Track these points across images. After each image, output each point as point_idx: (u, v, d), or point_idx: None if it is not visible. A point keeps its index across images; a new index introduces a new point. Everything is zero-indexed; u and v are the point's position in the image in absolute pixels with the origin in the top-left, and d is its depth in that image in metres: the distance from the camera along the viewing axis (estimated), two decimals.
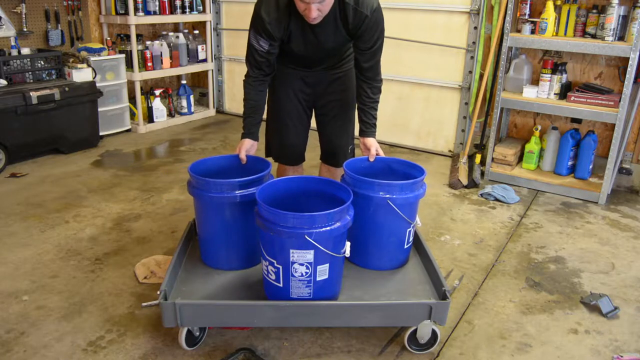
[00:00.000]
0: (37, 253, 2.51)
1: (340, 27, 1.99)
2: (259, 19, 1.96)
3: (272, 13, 1.94)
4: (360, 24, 1.96)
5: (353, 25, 1.97)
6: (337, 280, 1.86)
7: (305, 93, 2.29)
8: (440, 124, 4.13)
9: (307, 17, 1.88)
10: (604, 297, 2.18)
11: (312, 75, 2.24)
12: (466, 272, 2.45)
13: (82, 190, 3.25)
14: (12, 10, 3.83)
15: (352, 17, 1.95)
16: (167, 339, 1.92)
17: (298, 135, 2.36)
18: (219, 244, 2.02)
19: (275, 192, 1.89)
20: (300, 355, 1.87)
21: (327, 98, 2.29)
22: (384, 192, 1.92)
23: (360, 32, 1.99)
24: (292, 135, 2.34)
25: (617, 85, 3.38)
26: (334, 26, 1.98)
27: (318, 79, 2.25)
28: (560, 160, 3.47)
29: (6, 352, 1.85)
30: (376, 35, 2.01)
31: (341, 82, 2.27)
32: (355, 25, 1.97)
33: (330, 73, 2.25)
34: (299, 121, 2.33)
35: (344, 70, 2.27)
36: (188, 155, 3.97)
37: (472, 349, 1.93)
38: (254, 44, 2.02)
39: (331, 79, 2.26)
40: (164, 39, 4.65)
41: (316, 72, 2.24)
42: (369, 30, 1.98)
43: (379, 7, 1.99)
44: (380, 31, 2.02)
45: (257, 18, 1.97)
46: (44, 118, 3.64)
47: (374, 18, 1.97)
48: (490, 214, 3.08)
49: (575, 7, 3.24)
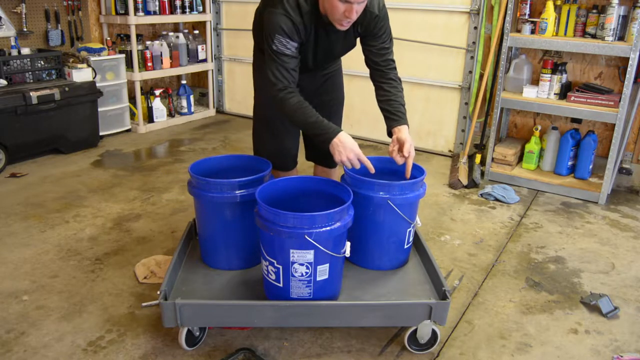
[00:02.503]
0: (37, 253, 2.51)
1: (350, 30, 1.97)
2: (285, 19, 1.82)
3: (296, 17, 1.84)
4: (371, 24, 1.96)
5: (364, 26, 1.96)
6: (337, 280, 1.86)
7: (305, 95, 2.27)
8: (440, 124, 4.13)
9: (341, 21, 1.81)
10: (604, 297, 2.18)
11: (307, 79, 2.18)
12: (466, 272, 2.45)
13: (82, 190, 3.25)
14: (12, 10, 3.83)
15: (362, 18, 1.93)
16: (167, 339, 1.92)
17: (292, 140, 2.31)
18: (219, 244, 2.02)
19: (275, 192, 1.89)
20: (300, 355, 1.87)
21: (318, 99, 2.26)
22: (384, 192, 1.92)
23: (372, 31, 1.98)
24: (288, 140, 2.28)
25: (617, 85, 3.38)
26: (345, 31, 1.96)
27: (308, 81, 2.21)
28: (560, 160, 3.47)
29: (6, 352, 1.85)
30: (387, 31, 2.02)
31: (331, 82, 2.27)
32: (366, 26, 1.96)
33: (320, 74, 2.24)
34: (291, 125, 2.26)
35: (332, 71, 2.26)
36: (188, 155, 3.97)
37: (472, 349, 1.93)
38: (283, 49, 1.85)
39: (321, 80, 2.25)
40: (164, 39, 4.65)
41: (311, 76, 2.21)
42: (380, 28, 1.98)
43: (384, 4, 2.00)
44: (389, 28, 2.03)
45: (281, 20, 1.83)
46: (44, 118, 3.64)
47: (383, 15, 1.97)
48: (490, 214, 3.08)
49: (575, 7, 3.24)
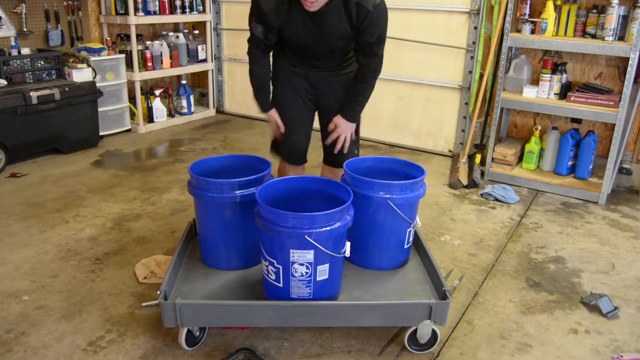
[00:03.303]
0: (37, 253, 2.51)
1: (344, 20, 2.01)
2: (258, 8, 2.03)
3: (270, 3, 2.00)
4: (364, 19, 1.99)
5: (357, 20, 2.00)
6: (337, 280, 1.86)
7: (309, 92, 2.30)
8: (440, 124, 4.13)
9: (304, 3, 1.92)
10: (604, 297, 2.18)
11: (316, 76, 2.26)
12: (466, 272, 2.45)
13: (82, 190, 3.25)
14: (12, 10, 3.83)
15: (355, 12, 1.97)
16: (167, 339, 1.92)
17: (303, 134, 2.37)
18: (219, 244, 2.02)
19: (275, 192, 1.89)
20: (300, 355, 1.87)
21: (331, 99, 2.29)
22: (384, 192, 1.92)
23: (364, 26, 2.01)
24: (299, 134, 2.35)
25: (617, 85, 3.38)
26: (337, 19, 2.00)
27: (321, 79, 2.27)
28: (560, 160, 3.47)
29: (6, 352, 1.85)
30: (377, 30, 2.03)
31: (345, 84, 2.27)
32: (359, 21, 2.00)
33: (333, 74, 2.26)
34: (303, 120, 2.34)
35: (346, 72, 2.27)
36: (188, 155, 3.97)
37: (472, 349, 1.93)
38: (253, 31, 2.11)
39: (334, 80, 2.27)
40: (164, 39, 4.65)
41: (320, 72, 2.25)
42: (372, 25, 2.01)
43: (382, 1, 2.01)
44: (383, 26, 2.05)
45: (256, 7, 2.05)
46: (44, 118, 3.64)
47: (377, 12, 1.99)
48: (490, 214, 3.08)
49: (575, 7, 3.24)
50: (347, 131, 2.24)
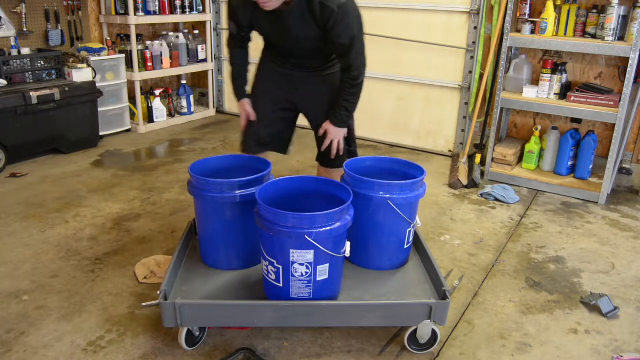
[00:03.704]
0: (37, 253, 2.51)
1: (308, 20, 1.99)
2: (230, 4, 2.16)
3: (239, 0, 2.10)
4: (328, 18, 1.96)
5: (321, 19, 1.97)
6: (337, 280, 1.86)
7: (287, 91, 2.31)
8: (440, 124, 4.13)
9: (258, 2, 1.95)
10: (604, 297, 2.18)
11: (297, 75, 2.27)
12: (466, 272, 2.45)
13: (82, 190, 3.25)
14: (12, 10, 3.83)
15: (319, 11, 1.95)
16: (167, 339, 1.92)
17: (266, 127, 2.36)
18: (219, 244, 2.03)
19: (275, 192, 1.89)
20: (300, 355, 1.87)
21: (316, 102, 2.29)
22: (384, 192, 1.92)
23: (329, 26, 1.98)
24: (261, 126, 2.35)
25: (617, 85, 3.38)
26: (300, 19, 1.99)
27: (302, 78, 2.28)
28: (560, 160, 3.47)
29: (6, 352, 1.85)
30: (347, 30, 1.99)
31: (330, 85, 2.26)
32: (323, 20, 1.97)
33: (314, 74, 2.26)
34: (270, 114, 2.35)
35: (328, 74, 2.27)
36: (188, 155, 3.97)
37: (472, 349, 1.93)
38: (228, 25, 2.25)
39: (315, 81, 2.27)
40: (164, 39, 4.65)
41: (301, 72, 2.26)
42: (338, 24, 1.97)
43: (351, 1, 1.98)
44: (350, 27, 1.99)
45: (229, 3, 2.17)
46: (44, 118, 3.64)
47: (342, 12, 1.95)
48: (490, 214, 3.08)
49: (575, 7, 3.24)
50: (338, 136, 2.25)
